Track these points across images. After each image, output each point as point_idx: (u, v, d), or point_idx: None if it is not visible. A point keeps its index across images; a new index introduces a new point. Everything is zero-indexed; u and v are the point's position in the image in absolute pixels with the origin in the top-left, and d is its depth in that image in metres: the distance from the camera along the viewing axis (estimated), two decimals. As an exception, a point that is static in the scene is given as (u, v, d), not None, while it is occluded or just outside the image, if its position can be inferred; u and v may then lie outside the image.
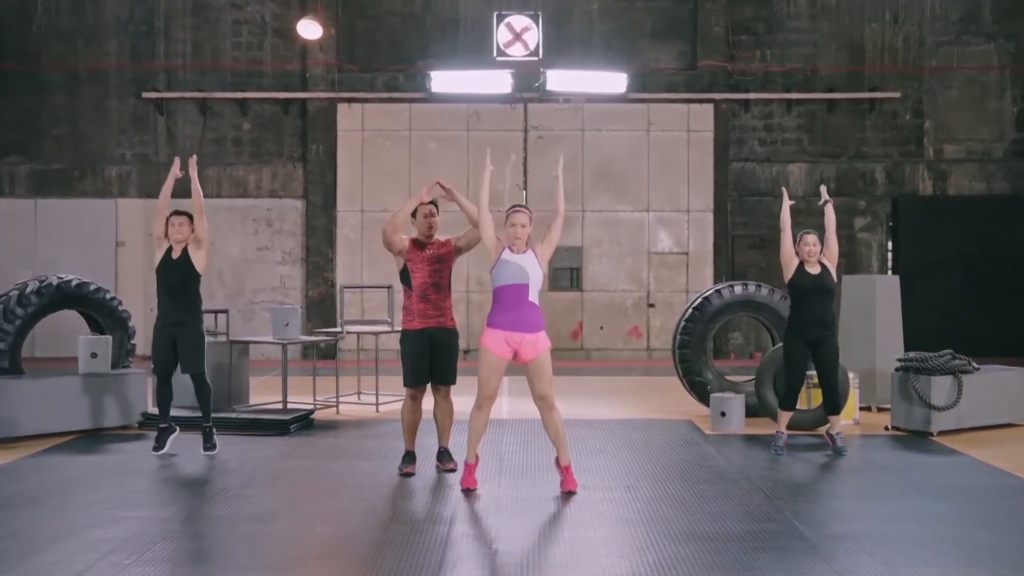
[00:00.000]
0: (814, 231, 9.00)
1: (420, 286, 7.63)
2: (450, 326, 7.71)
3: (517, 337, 6.88)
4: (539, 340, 6.94)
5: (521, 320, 6.88)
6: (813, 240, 8.82)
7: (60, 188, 18.27)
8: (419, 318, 7.61)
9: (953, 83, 18.41)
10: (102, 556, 5.61)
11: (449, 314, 7.73)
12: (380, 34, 18.45)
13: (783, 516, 6.58)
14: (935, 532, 6.15)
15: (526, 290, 6.90)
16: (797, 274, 8.76)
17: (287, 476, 7.91)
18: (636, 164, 18.16)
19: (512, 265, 6.90)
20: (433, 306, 7.62)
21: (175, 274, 8.48)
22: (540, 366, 6.95)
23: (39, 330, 11.58)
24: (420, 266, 7.63)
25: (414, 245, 7.70)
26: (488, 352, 6.92)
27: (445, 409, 7.84)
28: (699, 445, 9.22)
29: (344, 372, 12.12)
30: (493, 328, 6.92)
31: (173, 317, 8.48)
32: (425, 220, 7.71)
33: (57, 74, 18.34)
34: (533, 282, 6.91)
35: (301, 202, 18.27)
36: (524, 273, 6.89)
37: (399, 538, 6.04)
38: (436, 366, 7.64)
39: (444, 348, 7.66)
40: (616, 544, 5.95)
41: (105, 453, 8.76)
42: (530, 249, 7.01)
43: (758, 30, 18.40)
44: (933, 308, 17.32)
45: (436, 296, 7.64)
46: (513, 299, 6.88)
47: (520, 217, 7.01)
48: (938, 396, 9.56)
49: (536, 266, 6.95)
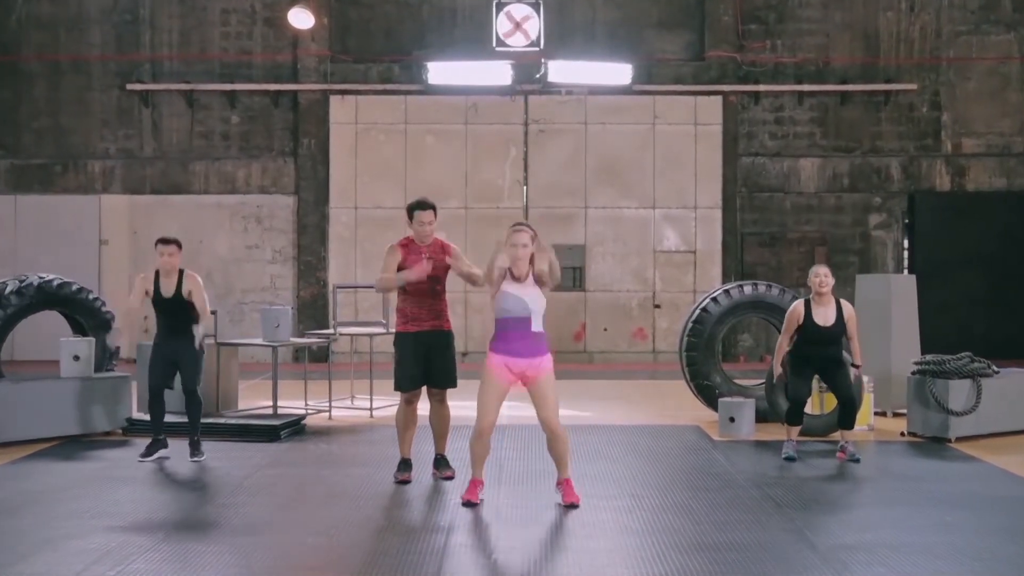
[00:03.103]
0: (825, 265, 9.03)
1: (415, 289, 7.63)
2: (446, 328, 7.74)
3: (521, 363, 6.96)
4: (542, 363, 7.01)
5: (524, 349, 6.96)
6: (824, 272, 8.77)
7: (41, 184, 18.27)
8: (412, 322, 7.65)
9: (972, 74, 18.41)
10: (85, 567, 5.62)
11: (445, 316, 7.75)
12: (374, 23, 18.45)
13: (794, 526, 6.59)
14: (952, 542, 6.16)
15: (529, 323, 6.97)
16: (806, 324, 8.68)
17: (277, 484, 7.91)
18: (641, 159, 18.15)
19: (513, 298, 6.95)
20: (428, 310, 7.66)
21: (170, 314, 8.63)
22: (543, 389, 7.00)
23: (19, 332, 11.58)
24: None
25: (408, 250, 7.67)
26: (491, 376, 6.99)
27: (441, 414, 7.85)
28: (707, 452, 9.23)
29: (337, 376, 12.12)
30: (496, 354, 7.01)
31: (173, 336, 8.58)
32: (421, 228, 7.68)
33: (38, 64, 18.34)
34: (535, 313, 6.99)
35: (292, 198, 18.26)
36: (525, 306, 6.94)
37: (394, 549, 6.05)
38: (433, 370, 7.66)
39: (440, 351, 7.68)
40: (620, 555, 5.96)
41: (88, 460, 8.77)
42: (531, 274, 7.02)
43: (768, 19, 18.40)
44: (951, 309, 17.31)
45: (431, 300, 7.67)
46: (516, 331, 6.96)
47: (521, 237, 7.01)
48: (956, 401, 9.57)
49: (538, 296, 7.00)
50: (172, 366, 8.62)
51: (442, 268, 7.68)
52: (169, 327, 8.62)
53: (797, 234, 18.19)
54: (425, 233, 7.67)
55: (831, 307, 8.71)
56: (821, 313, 8.68)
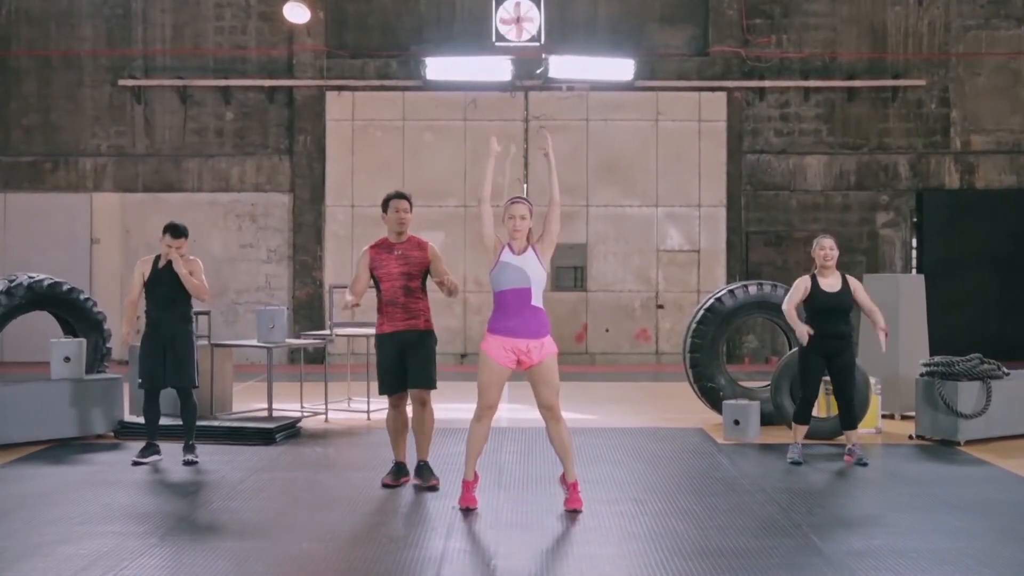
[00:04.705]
0: (831, 236, 8.95)
1: (388, 289, 7.60)
2: (423, 328, 7.63)
3: (520, 344, 6.83)
4: (544, 345, 6.91)
5: (524, 326, 6.83)
6: (830, 244, 8.76)
7: (31, 181, 18.26)
8: (388, 322, 7.61)
9: (981, 70, 18.41)
10: (75, 573, 5.61)
11: (423, 316, 7.65)
12: (371, 18, 18.45)
13: (800, 531, 6.58)
14: (962, 548, 6.16)
15: (528, 294, 6.86)
16: (813, 293, 8.70)
17: (272, 488, 7.90)
18: (644, 156, 18.16)
19: (512, 268, 6.86)
20: (403, 309, 7.59)
21: (163, 286, 8.55)
22: (545, 372, 6.92)
23: (8, 333, 11.58)
24: (388, 269, 7.60)
25: (379, 250, 7.67)
26: (488, 359, 6.89)
27: (422, 418, 7.68)
28: (711, 455, 9.23)
29: (333, 378, 12.12)
30: (494, 334, 6.88)
31: (164, 329, 8.55)
32: (396, 215, 7.64)
33: (28, 60, 18.34)
34: (536, 284, 6.88)
35: (287, 196, 18.27)
36: (525, 276, 6.85)
37: (391, 555, 6.05)
38: (410, 370, 7.55)
39: (415, 349, 7.56)
40: (623, 561, 5.96)
41: (79, 463, 8.76)
42: (531, 246, 6.97)
43: (774, 13, 18.40)
44: (960, 309, 17.31)
45: (406, 299, 7.60)
46: (515, 304, 6.84)
47: (519, 208, 6.99)
48: (965, 403, 9.56)
49: (538, 266, 6.91)
50: (163, 357, 8.53)
51: (416, 266, 7.62)
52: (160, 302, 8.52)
53: (803, 233, 18.17)
54: (399, 221, 7.62)
55: (837, 279, 8.74)
56: (827, 283, 8.72)
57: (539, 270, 6.91)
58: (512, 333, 6.83)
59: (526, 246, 6.96)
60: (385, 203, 7.73)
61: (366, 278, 7.66)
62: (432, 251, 7.72)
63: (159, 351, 8.55)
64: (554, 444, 7.07)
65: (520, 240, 6.95)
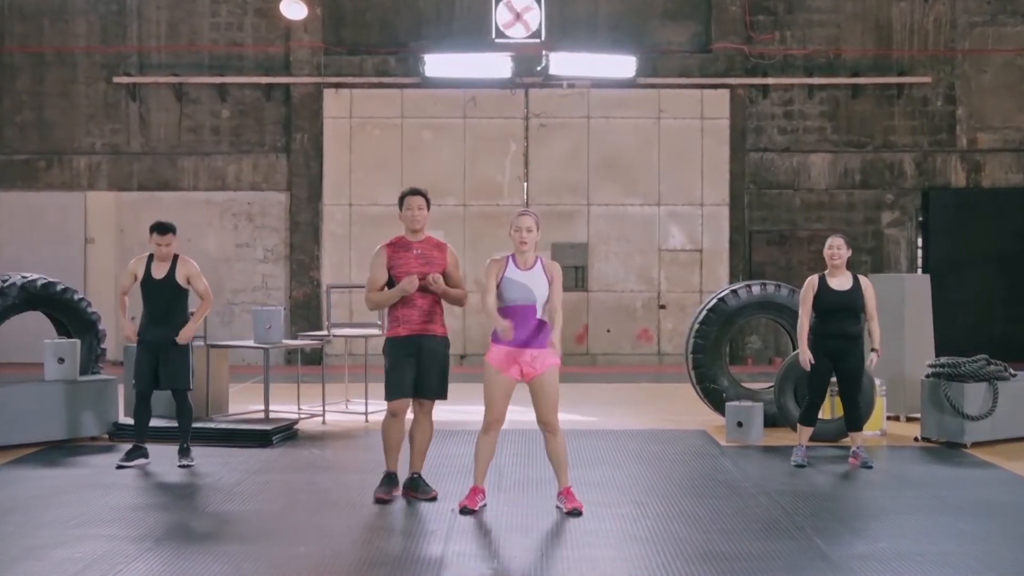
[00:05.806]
0: (841, 235, 8.89)
1: None
2: (440, 334, 7.44)
3: (524, 353, 6.93)
4: (545, 355, 6.97)
5: (526, 337, 6.93)
6: (838, 243, 8.71)
7: (24, 180, 18.27)
8: (404, 324, 7.36)
9: (988, 67, 18.41)
10: (70, 577, 5.62)
11: (439, 320, 7.45)
12: (370, 14, 18.45)
13: (804, 534, 6.59)
14: (968, 551, 6.16)
15: (533, 311, 6.94)
16: (820, 292, 8.66)
17: (269, 491, 7.91)
18: (646, 154, 18.15)
19: (518, 285, 6.93)
20: (419, 311, 7.36)
21: (159, 296, 8.57)
22: (544, 386, 6.99)
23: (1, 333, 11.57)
24: (407, 268, 7.34)
25: (396, 248, 7.45)
26: (493, 371, 6.97)
27: (424, 428, 7.49)
28: (714, 457, 9.24)
29: (331, 379, 12.12)
30: (497, 344, 6.97)
31: (159, 324, 8.57)
32: (410, 212, 7.42)
33: (21, 56, 18.34)
34: (540, 300, 6.96)
35: (284, 195, 18.27)
36: (531, 293, 6.93)
37: (389, 558, 6.05)
38: (421, 378, 7.35)
39: (431, 358, 7.37)
40: (624, 564, 5.96)
41: (74, 466, 8.76)
42: (538, 260, 7.04)
43: (777, 10, 18.40)
44: (966, 309, 17.32)
45: (422, 301, 7.36)
46: (519, 318, 6.92)
47: (526, 220, 7.03)
48: (972, 405, 9.56)
49: (543, 282, 6.98)
50: (157, 359, 8.54)
51: (438, 267, 7.40)
52: (155, 315, 8.56)
53: (807, 232, 18.18)
54: (415, 218, 7.42)
55: (847, 278, 8.69)
56: (835, 283, 8.67)
57: (544, 287, 6.98)
58: (516, 343, 6.92)
59: (534, 260, 6.99)
60: (401, 199, 7.55)
61: (384, 277, 7.42)
62: (451, 255, 7.54)
63: (153, 352, 8.56)
64: (549, 456, 7.17)
65: (527, 253, 6.98)
